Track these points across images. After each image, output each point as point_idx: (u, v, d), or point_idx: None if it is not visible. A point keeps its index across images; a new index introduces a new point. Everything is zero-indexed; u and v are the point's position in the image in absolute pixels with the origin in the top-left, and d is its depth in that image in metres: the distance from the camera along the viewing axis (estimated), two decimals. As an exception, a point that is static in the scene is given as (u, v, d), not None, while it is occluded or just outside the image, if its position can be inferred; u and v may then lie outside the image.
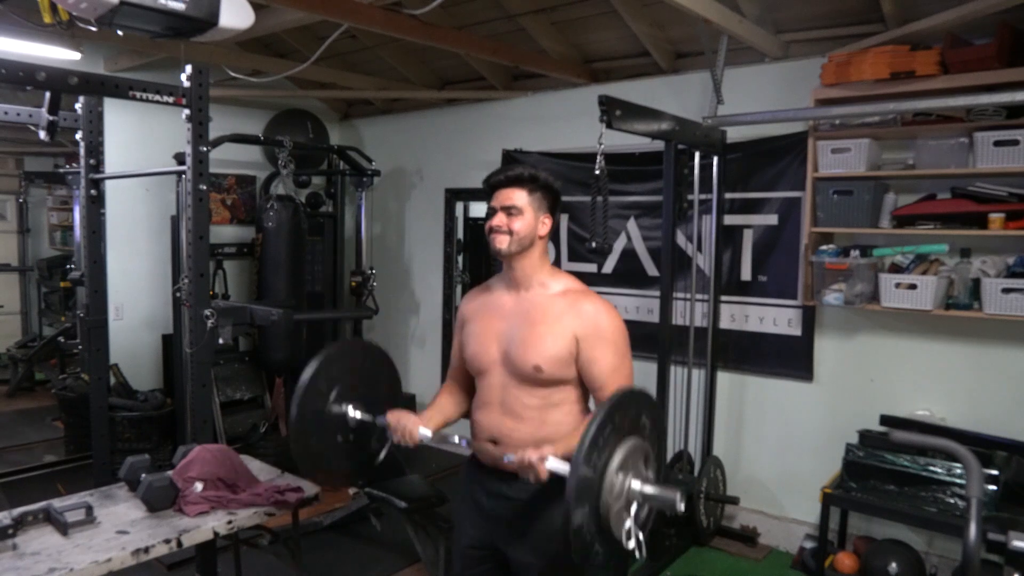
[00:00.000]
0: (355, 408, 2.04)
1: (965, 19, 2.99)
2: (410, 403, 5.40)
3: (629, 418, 1.63)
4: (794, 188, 3.68)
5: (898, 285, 3.16)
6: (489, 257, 1.97)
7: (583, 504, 1.50)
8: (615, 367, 1.82)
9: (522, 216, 1.85)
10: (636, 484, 1.59)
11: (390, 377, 2.20)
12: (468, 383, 2.05)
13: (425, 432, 1.91)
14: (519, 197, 1.86)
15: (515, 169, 1.89)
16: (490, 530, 1.92)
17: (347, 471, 2.14)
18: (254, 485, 2.47)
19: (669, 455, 3.83)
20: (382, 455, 2.09)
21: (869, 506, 3.15)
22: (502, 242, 1.86)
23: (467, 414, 2.03)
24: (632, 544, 1.58)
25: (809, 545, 3.54)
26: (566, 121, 4.54)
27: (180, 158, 3.26)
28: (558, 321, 1.82)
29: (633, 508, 1.59)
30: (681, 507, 1.59)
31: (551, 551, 1.83)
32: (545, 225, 1.89)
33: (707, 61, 3.59)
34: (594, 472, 1.52)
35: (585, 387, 1.87)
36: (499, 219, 1.86)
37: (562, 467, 1.59)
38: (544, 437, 1.82)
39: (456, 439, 1.92)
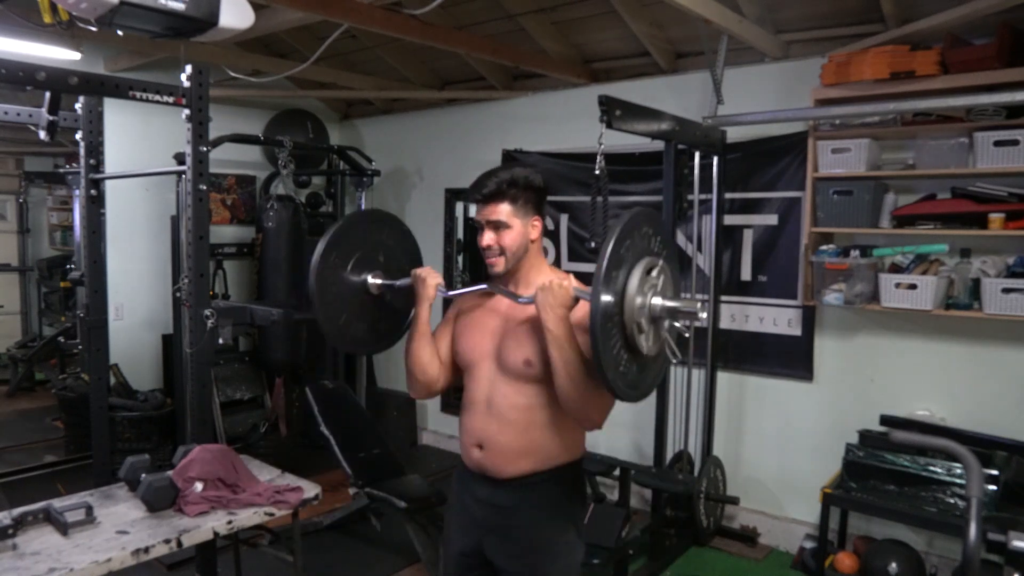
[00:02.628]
0: (375, 276, 2.04)
1: (965, 19, 2.99)
2: (410, 403, 5.41)
3: (640, 237, 1.66)
4: (794, 188, 3.68)
5: (898, 285, 3.16)
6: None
7: (609, 332, 1.55)
8: None
9: (510, 230, 1.81)
10: (657, 300, 1.63)
11: (409, 247, 2.18)
12: (447, 369, 2.00)
13: (442, 286, 1.94)
14: (502, 211, 1.81)
15: (491, 183, 1.82)
16: (479, 537, 1.90)
17: (381, 334, 2.13)
18: (254, 485, 2.47)
19: (669, 455, 3.83)
20: (411, 316, 2.06)
21: (869, 506, 3.15)
22: (498, 264, 1.84)
23: (430, 371, 1.96)
24: (667, 351, 1.68)
25: (809, 545, 3.54)
26: (566, 121, 4.54)
27: (180, 158, 3.26)
28: None
29: (659, 322, 1.65)
30: (703, 315, 1.67)
31: (540, 561, 1.83)
32: (535, 227, 1.86)
33: (707, 61, 3.59)
34: (615, 293, 1.57)
35: None
36: (488, 238, 1.83)
37: (584, 292, 1.63)
38: (529, 444, 1.81)
39: (475, 287, 1.92)
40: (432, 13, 3.13)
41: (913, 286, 3.11)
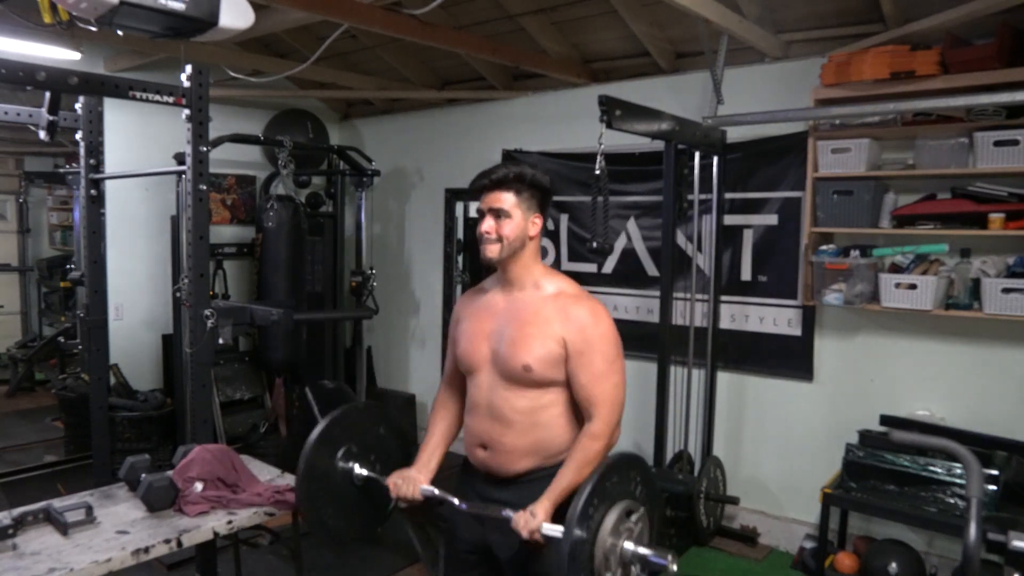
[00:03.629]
0: (361, 466, 2.09)
1: (965, 19, 2.99)
2: (410, 403, 5.41)
3: (621, 481, 1.69)
4: (794, 188, 3.68)
5: (898, 285, 3.16)
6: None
7: (577, 567, 1.57)
8: (602, 373, 1.80)
9: (511, 219, 1.82)
10: (629, 545, 1.66)
11: (397, 435, 2.24)
12: (464, 386, 2.04)
13: (427, 489, 1.96)
14: (507, 199, 1.82)
15: (500, 170, 1.83)
16: (483, 534, 1.91)
17: (358, 527, 2.18)
18: (254, 485, 2.47)
19: (669, 455, 3.83)
20: (390, 507, 2.15)
21: (869, 506, 3.14)
22: (493, 251, 1.83)
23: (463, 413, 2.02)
24: None
25: (809, 545, 3.54)
26: (566, 121, 4.54)
27: (180, 158, 3.26)
28: (548, 323, 1.81)
29: (629, 568, 1.67)
30: (674, 568, 1.65)
31: (542, 556, 1.83)
32: (536, 225, 1.86)
33: (707, 61, 3.59)
34: (587, 534, 1.59)
35: None
36: (487, 225, 1.83)
37: (555, 531, 1.65)
38: (532, 443, 1.82)
39: (456, 502, 1.91)
40: (432, 13, 3.13)
41: (913, 286, 3.11)
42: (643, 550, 1.65)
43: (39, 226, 7.19)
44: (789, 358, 3.78)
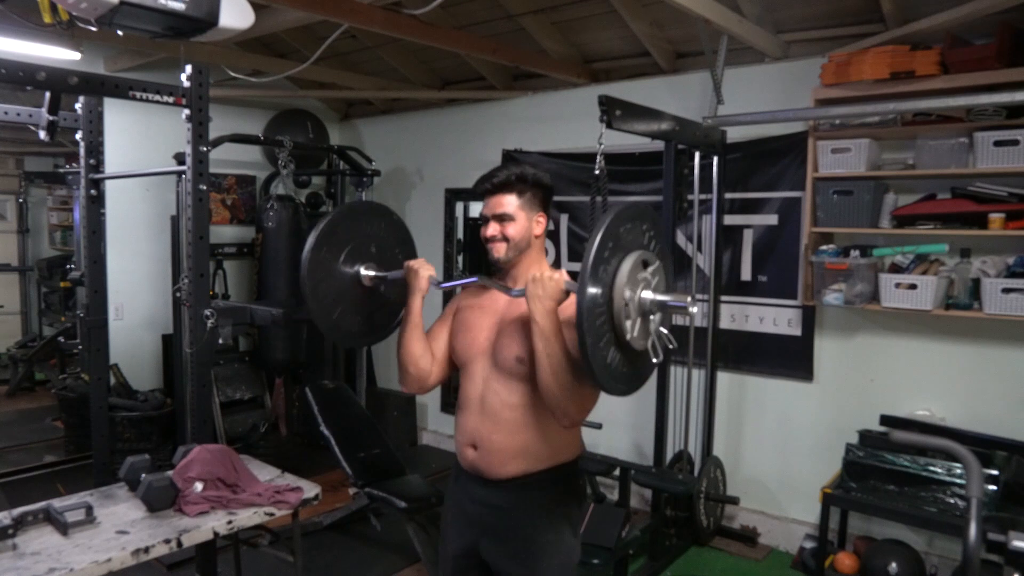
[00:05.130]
0: (367, 267, 2.05)
1: (965, 19, 2.99)
2: (410, 403, 5.41)
3: (631, 231, 1.64)
4: (794, 188, 3.68)
5: (898, 285, 3.16)
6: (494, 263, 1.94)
7: (595, 314, 1.52)
8: None
9: (515, 222, 1.82)
10: (647, 294, 1.61)
11: (403, 238, 2.19)
12: (437, 356, 1.99)
13: (435, 278, 1.95)
14: (509, 203, 1.83)
15: (501, 174, 1.84)
16: (475, 538, 1.90)
17: (370, 329, 2.14)
18: (254, 485, 2.47)
19: (669, 455, 3.83)
20: (399, 318, 2.07)
21: (869, 506, 3.14)
22: (499, 251, 1.84)
23: (422, 363, 1.95)
24: (651, 349, 1.64)
25: (809, 545, 3.54)
26: (566, 121, 4.54)
27: (180, 158, 3.26)
28: None
29: (648, 317, 1.63)
30: (694, 310, 1.63)
31: (534, 561, 1.83)
32: (540, 224, 1.87)
33: (707, 61, 3.59)
34: (602, 286, 1.54)
35: None
36: (492, 229, 1.84)
37: (575, 285, 1.61)
38: (522, 444, 1.81)
39: (468, 279, 1.92)
40: (432, 13, 3.13)
41: (913, 286, 3.11)
42: (661, 296, 1.62)
43: (39, 226, 7.19)
44: (789, 358, 3.78)
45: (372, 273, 2.05)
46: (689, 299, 1.62)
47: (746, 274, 3.90)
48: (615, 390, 1.65)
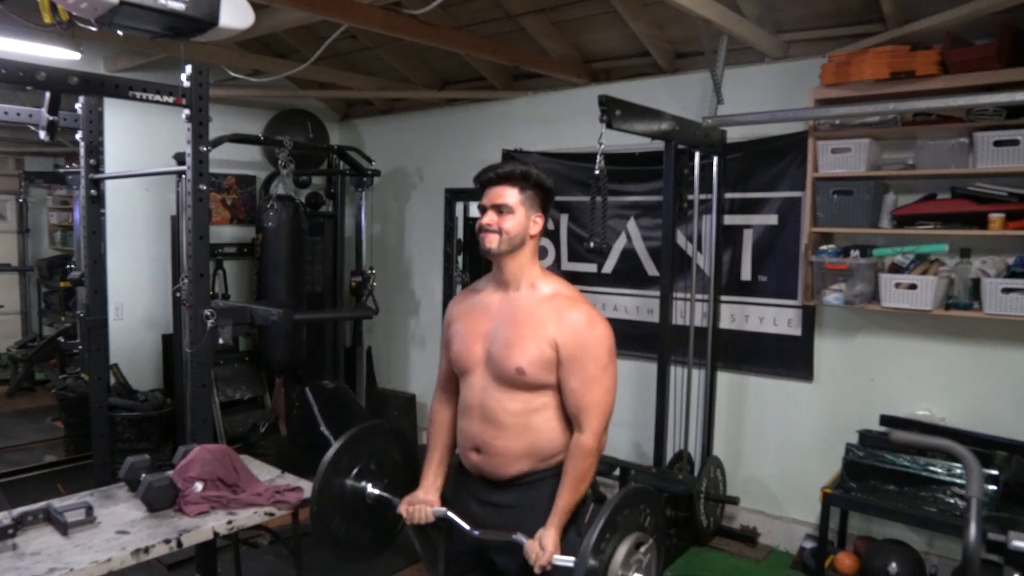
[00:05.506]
0: (374, 485, 2.11)
1: (965, 19, 2.99)
2: (410, 403, 5.41)
3: (632, 514, 1.72)
4: (794, 188, 3.68)
5: (898, 285, 3.16)
6: (486, 258, 1.94)
7: None
8: (594, 378, 1.79)
9: (513, 215, 1.82)
10: None
11: (406, 456, 2.25)
12: (458, 389, 2.03)
13: (440, 511, 1.97)
14: (510, 195, 1.82)
15: (506, 166, 1.85)
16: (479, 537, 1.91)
17: (368, 542, 2.22)
18: (254, 485, 2.47)
19: (669, 455, 3.83)
20: (399, 528, 2.20)
21: (869, 506, 3.14)
22: (492, 241, 1.82)
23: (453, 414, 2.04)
24: None
25: (809, 545, 3.54)
26: (566, 121, 4.54)
27: (180, 158, 3.26)
28: (542, 325, 1.80)
29: None
30: None
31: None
32: (537, 224, 1.86)
33: (707, 61, 3.59)
34: (600, 565, 1.62)
35: None
36: (489, 218, 1.83)
37: (567, 562, 1.69)
38: (526, 446, 1.81)
39: (467, 528, 1.91)
40: (432, 13, 3.13)
41: (913, 286, 3.11)
42: None
43: (39, 226, 7.18)
44: (789, 358, 3.78)
45: (377, 493, 2.11)
46: None
47: (746, 274, 3.90)
48: None
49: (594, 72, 4.48)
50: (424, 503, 1.98)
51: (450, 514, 1.95)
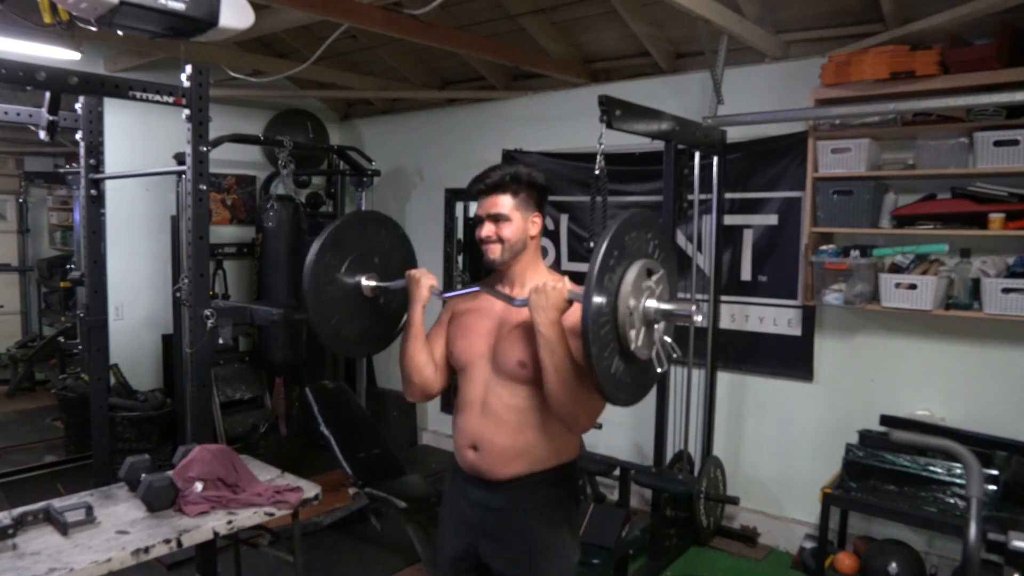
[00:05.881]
0: (369, 277, 2.05)
1: (965, 19, 2.99)
2: (410, 403, 5.40)
3: (636, 239, 1.63)
4: (794, 188, 3.68)
5: (898, 285, 3.16)
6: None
7: (600, 323, 1.52)
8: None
9: (510, 222, 1.81)
10: (651, 303, 1.61)
11: (405, 249, 2.21)
12: (439, 364, 1.99)
13: (436, 288, 1.94)
14: (504, 203, 1.81)
15: (494, 174, 1.83)
16: (473, 540, 1.90)
17: (372, 338, 2.14)
18: (254, 485, 2.47)
19: (669, 455, 3.83)
20: (400, 324, 2.08)
21: (869, 506, 3.15)
22: (495, 252, 1.83)
23: (425, 373, 1.95)
24: (655, 358, 1.63)
25: (809, 545, 3.54)
26: (566, 121, 4.54)
27: (180, 158, 3.26)
28: None
29: (653, 326, 1.62)
30: (699, 318, 1.63)
31: (534, 562, 1.82)
32: (535, 224, 1.86)
33: (707, 61, 3.59)
34: (607, 295, 1.53)
35: None
36: (487, 230, 1.82)
37: (578, 294, 1.61)
38: (523, 445, 1.81)
39: (470, 288, 1.90)
40: (432, 13, 3.13)
41: (913, 286, 3.11)
42: (666, 305, 1.61)
43: (39, 226, 7.19)
44: (789, 358, 3.78)
45: (373, 283, 2.05)
46: (694, 307, 1.62)
47: (746, 274, 3.90)
48: (619, 400, 1.64)
49: (594, 72, 4.48)
50: (430, 279, 1.95)
51: (446, 294, 1.95)
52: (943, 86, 3.00)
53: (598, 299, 1.51)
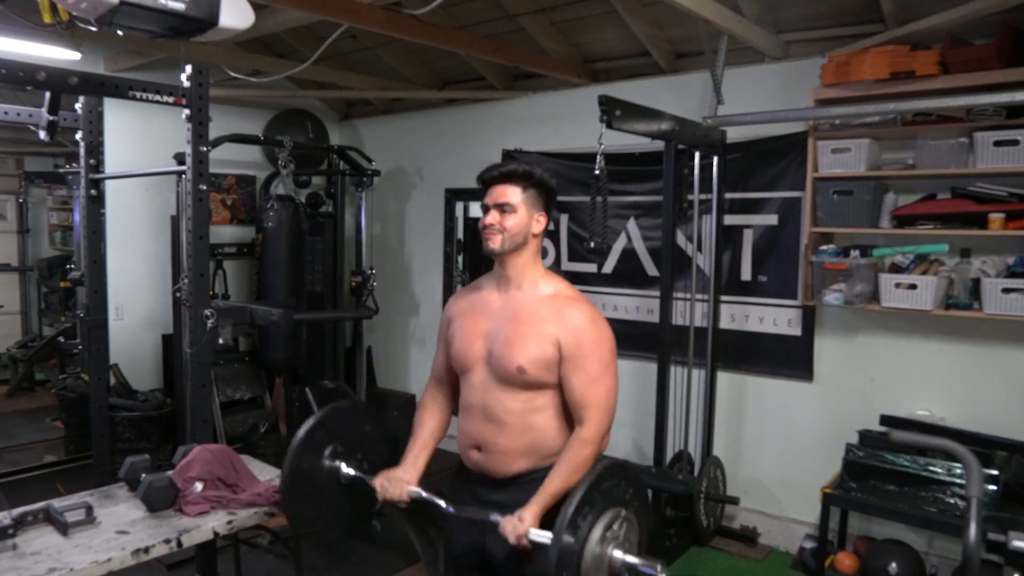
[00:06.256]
0: (348, 465, 2.07)
1: (965, 19, 2.99)
2: (410, 403, 5.40)
3: (611, 489, 1.67)
4: (794, 188, 3.68)
5: (898, 285, 3.16)
6: (488, 257, 1.94)
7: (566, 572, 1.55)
8: (596, 377, 1.79)
9: (515, 214, 1.82)
10: (618, 554, 1.63)
11: (384, 434, 2.24)
12: (453, 384, 2.03)
13: (414, 491, 1.94)
14: (513, 194, 1.82)
15: (509, 165, 1.86)
16: (480, 536, 1.90)
17: (344, 524, 2.19)
18: (254, 485, 2.47)
19: (669, 455, 3.83)
20: (377, 507, 2.14)
21: (869, 506, 3.14)
22: (495, 241, 1.83)
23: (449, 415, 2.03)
24: None
25: (809, 545, 3.54)
26: (566, 121, 4.54)
27: (180, 158, 3.26)
28: (543, 325, 1.80)
29: None
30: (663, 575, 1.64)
31: (539, 558, 1.83)
32: (539, 223, 1.86)
33: (707, 61, 3.59)
34: (576, 542, 1.57)
35: None
36: (492, 217, 1.83)
37: (543, 537, 1.63)
38: (527, 445, 1.81)
39: (443, 505, 1.89)
40: (432, 13, 3.13)
41: (913, 286, 3.11)
42: (632, 559, 1.63)
43: (39, 226, 7.19)
44: (789, 358, 3.78)
45: (351, 473, 2.06)
46: (659, 566, 1.63)
47: (746, 274, 3.90)
48: None
49: (594, 72, 4.48)
50: (401, 480, 1.95)
51: (424, 493, 1.93)
52: (943, 86, 3.00)
53: (567, 539, 1.56)
